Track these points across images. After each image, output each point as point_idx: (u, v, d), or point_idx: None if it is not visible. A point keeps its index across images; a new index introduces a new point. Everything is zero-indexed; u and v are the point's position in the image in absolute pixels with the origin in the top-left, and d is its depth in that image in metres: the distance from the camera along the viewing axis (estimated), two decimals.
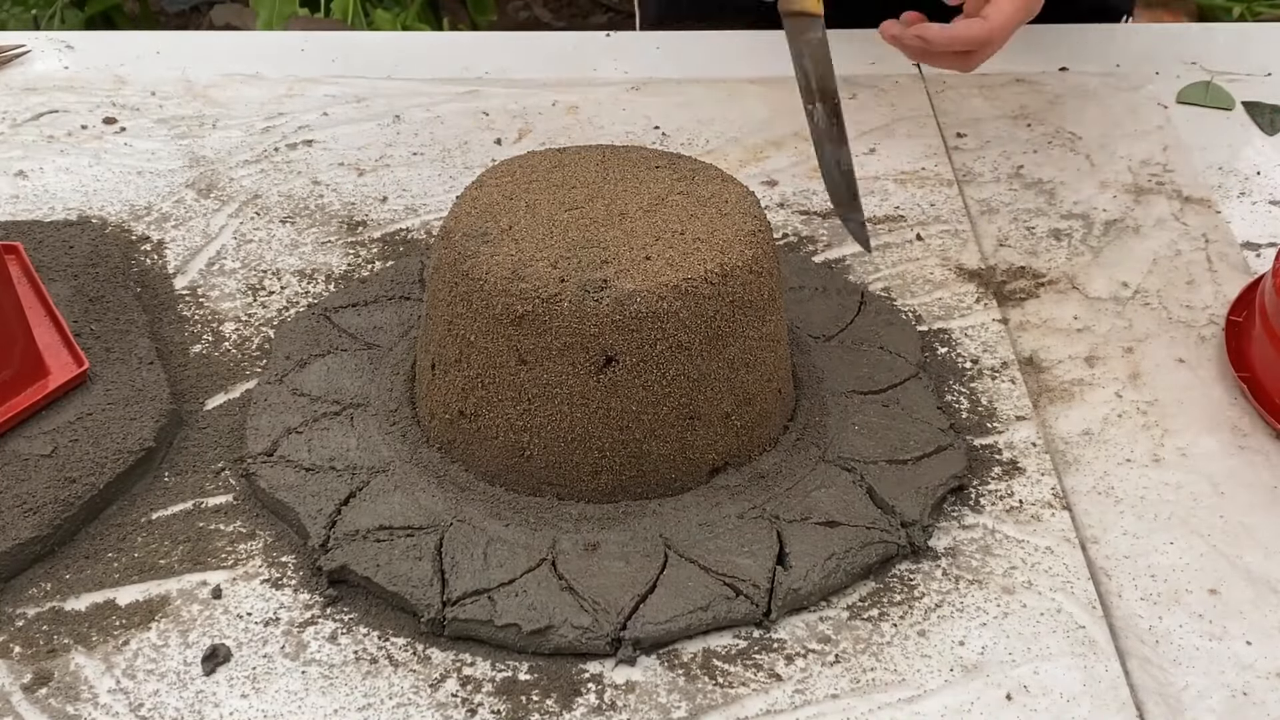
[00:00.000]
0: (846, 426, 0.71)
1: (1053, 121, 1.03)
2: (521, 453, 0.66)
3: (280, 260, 0.85)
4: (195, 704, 0.58)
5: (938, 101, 1.06)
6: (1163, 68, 1.11)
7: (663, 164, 0.71)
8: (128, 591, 0.63)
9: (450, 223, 0.67)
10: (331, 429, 0.70)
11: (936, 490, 0.67)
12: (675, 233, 0.65)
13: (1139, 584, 0.65)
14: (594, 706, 0.58)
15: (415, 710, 0.58)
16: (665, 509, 0.66)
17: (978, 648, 0.61)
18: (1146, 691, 0.60)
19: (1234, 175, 0.97)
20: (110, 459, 0.67)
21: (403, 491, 0.66)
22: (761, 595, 0.62)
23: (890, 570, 0.65)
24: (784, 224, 0.90)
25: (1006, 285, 0.85)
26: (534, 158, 0.72)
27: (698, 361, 0.64)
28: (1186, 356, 0.79)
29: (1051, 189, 0.95)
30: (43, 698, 0.58)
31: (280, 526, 0.66)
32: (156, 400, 0.71)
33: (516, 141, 0.99)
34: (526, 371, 0.64)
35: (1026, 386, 0.76)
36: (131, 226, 0.88)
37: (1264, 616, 0.63)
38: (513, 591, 0.61)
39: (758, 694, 0.59)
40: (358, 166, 0.95)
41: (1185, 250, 0.88)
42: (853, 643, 0.61)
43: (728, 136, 1.01)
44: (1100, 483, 0.70)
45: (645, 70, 1.09)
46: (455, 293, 0.65)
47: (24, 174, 0.92)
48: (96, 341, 0.74)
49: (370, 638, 0.61)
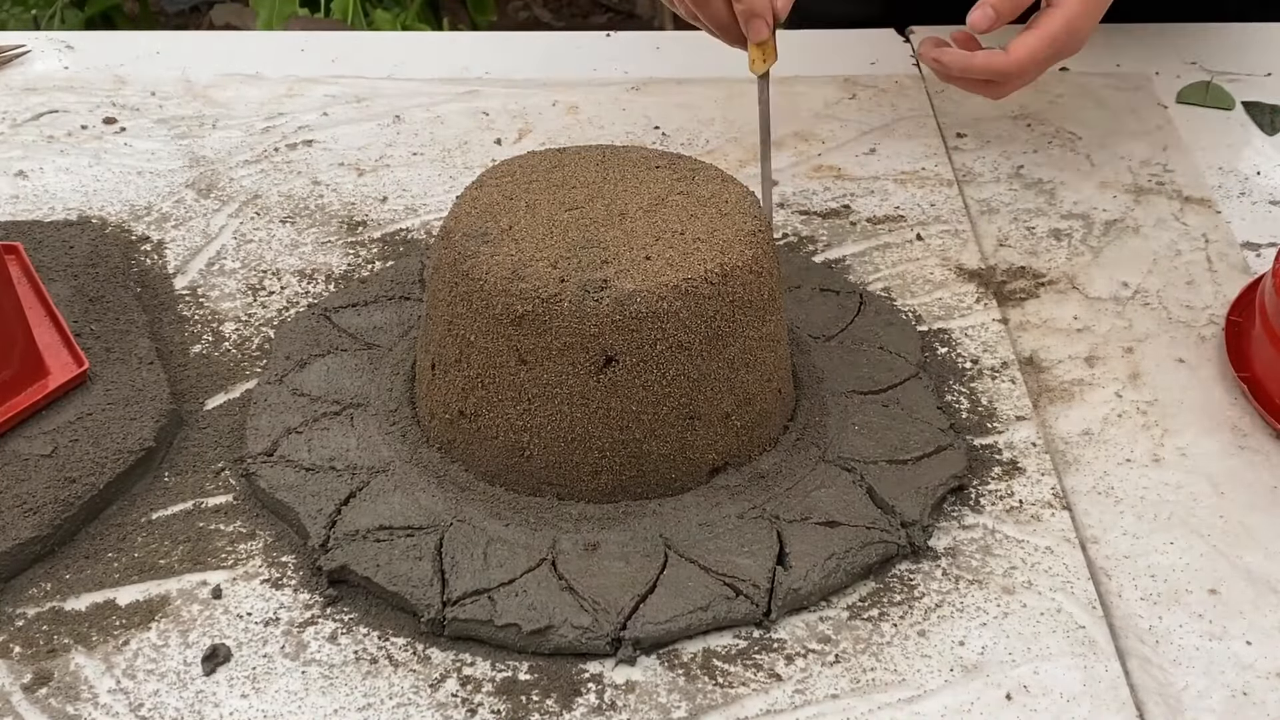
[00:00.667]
0: (846, 426, 0.71)
1: (1053, 121, 1.03)
2: (521, 453, 0.66)
3: (280, 260, 0.85)
4: (195, 704, 0.58)
5: (938, 101, 1.06)
6: (1163, 68, 1.11)
7: (663, 164, 0.71)
8: (128, 591, 0.63)
9: (450, 223, 0.67)
10: (331, 429, 0.70)
11: (936, 490, 0.67)
12: (675, 233, 0.65)
13: (1139, 584, 0.65)
14: (594, 706, 0.58)
15: (415, 710, 0.58)
16: (665, 509, 0.66)
17: (978, 648, 0.61)
18: (1146, 691, 0.60)
19: (1234, 175, 0.97)
20: (110, 459, 0.67)
21: (403, 491, 0.66)
22: (761, 595, 0.62)
23: (890, 570, 0.65)
24: (784, 224, 0.90)
25: (1006, 285, 0.85)
26: (534, 158, 0.72)
27: (698, 361, 0.64)
28: (1186, 356, 0.79)
29: (1051, 189, 0.95)
30: (43, 698, 0.58)
31: (280, 526, 0.66)
32: (156, 400, 0.71)
33: (516, 141, 0.99)
34: (526, 371, 0.64)
35: (1026, 386, 0.76)
36: (131, 226, 0.88)
37: (1264, 616, 0.63)
38: (513, 591, 0.61)
39: (758, 694, 0.59)
40: (358, 166, 0.95)
41: (1185, 250, 0.88)
42: (853, 643, 0.61)
43: (728, 136, 1.01)
44: (1100, 483, 0.70)
45: (645, 70, 1.09)
46: (455, 293, 0.65)
47: (24, 174, 0.92)
48: (96, 341, 0.74)
49: (370, 638, 0.61)
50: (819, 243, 0.88)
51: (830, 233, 0.89)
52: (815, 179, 0.96)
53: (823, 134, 1.01)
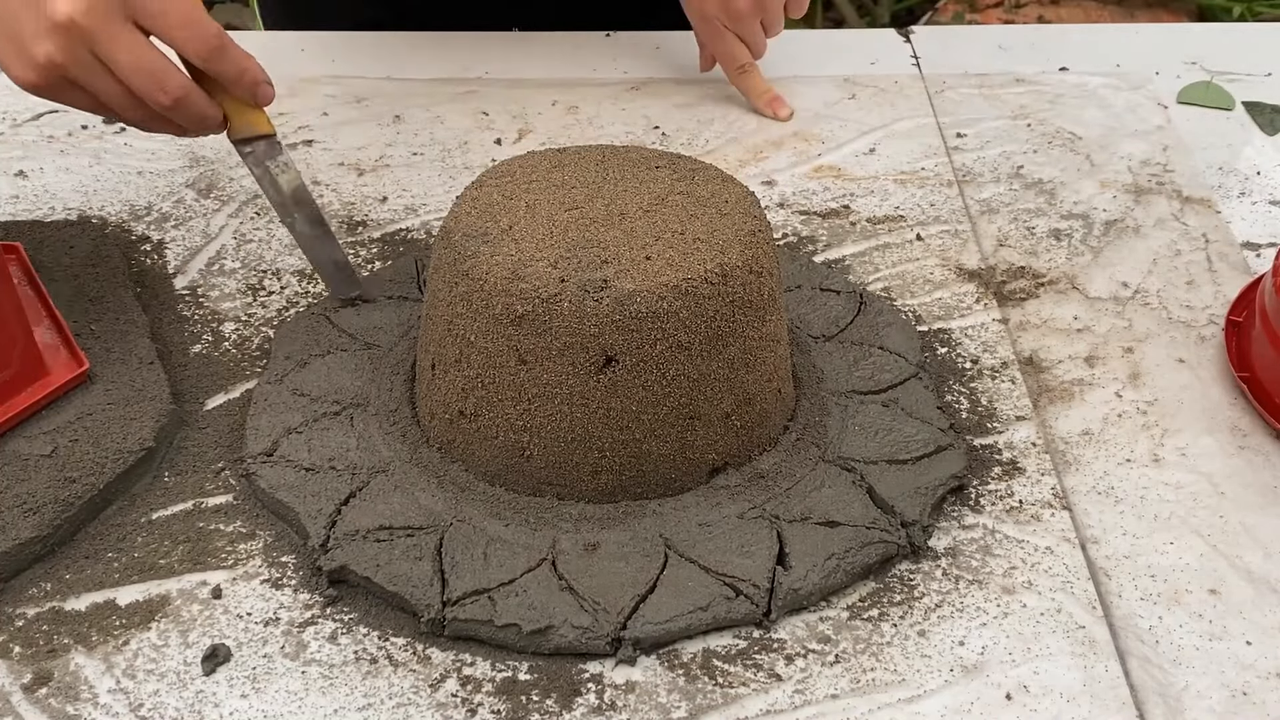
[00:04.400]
0: (846, 426, 0.71)
1: (1053, 121, 1.03)
2: (521, 453, 0.66)
3: (280, 260, 0.85)
4: (195, 704, 0.58)
5: (938, 101, 1.06)
6: (1163, 68, 1.11)
7: (663, 164, 0.71)
8: (128, 591, 0.63)
9: (450, 223, 0.67)
10: (331, 429, 0.70)
11: (936, 490, 0.67)
12: (675, 233, 0.65)
13: (1139, 584, 0.65)
14: (594, 706, 0.58)
15: (415, 710, 0.58)
16: (665, 509, 0.66)
17: (978, 648, 0.61)
18: (1146, 691, 0.60)
19: (1234, 175, 0.97)
20: (110, 459, 0.67)
21: (403, 491, 0.66)
22: (761, 595, 0.62)
23: (890, 570, 0.65)
24: (784, 224, 0.90)
25: (1006, 285, 0.85)
26: (534, 158, 0.72)
27: (698, 361, 0.64)
28: (1186, 356, 0.79)
29: (1051, 189, 0.95)
30: (43, 698, 0.58)
31: (280, 526, 0.66)
32: (156, 400, 0.71)
33: (516, 141, 0.99)
34: (526, 371, 0.64)
35: (1026, 386, 0.76)
36: (131, 226, 0.88)
37: (1264, 616, 0.63)
38: (513, 591, 0.61)
39: (758, 694, 0.59)
40: (358, 166, 0.95)
41: (1185, 250, 0.88)
42: (853, 643, 0.61)
43: (728, 137, 1.01)
44: (1100, 483, 0.70)
45: (645, 70, 1.09)
46: (455, 293, 0.65)
47: (24, 174, 0.92)
48: (96, 341, 0.75)
49: (370, 638, 0.61)
50: (819, 243, 0.88)
51: (830, 233, 0.89)
52: (815, 179, 0.96)
53: (823, 134, 1.01)
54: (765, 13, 1.02)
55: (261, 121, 0.76)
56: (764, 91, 1.04)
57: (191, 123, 0.73)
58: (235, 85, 0.73)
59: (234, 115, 0.75)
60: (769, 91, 1.04)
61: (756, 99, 1.04)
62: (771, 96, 1.03)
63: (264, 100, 0.75)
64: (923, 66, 1.12)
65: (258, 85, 0.74)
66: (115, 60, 0.68)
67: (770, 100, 1.03)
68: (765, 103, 1.03)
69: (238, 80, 0.73)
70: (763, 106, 1.03)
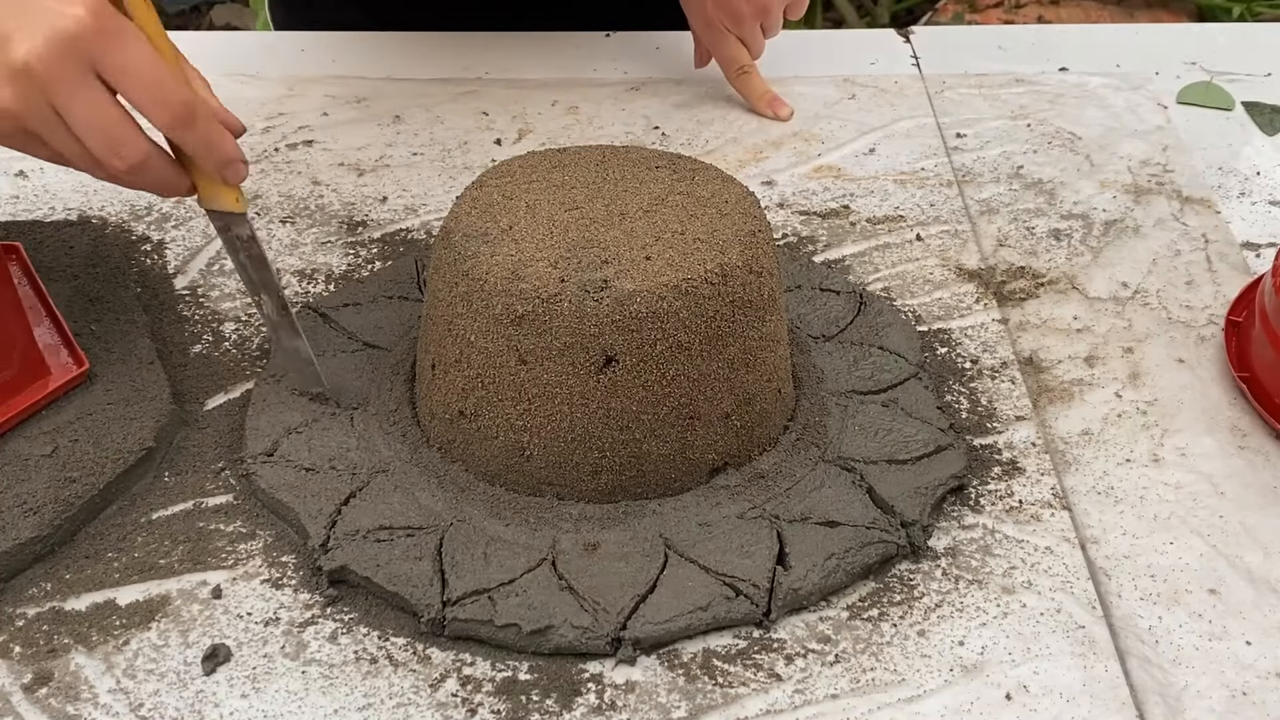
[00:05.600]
0: (846, 426, 0.71)
1: (1053, 121, 1.03)
2: (521, 453, 0.66)
3: (280, 260, 0.85)
4: (195, 704, 0.58)
5: (938, 101, 1.06)
6: (1163, 68, 1.11)
7: (663, 164, 0.71)
8: (128, 591, 0.63)
9: (450, 223, 0.67)
10: (331, 429, 0.70)
11: (936, 490, 0.67)
12: (675, 233, 0.65)
13: (1139, 584, 0.65)
14: (594, 706, 0.58)
15: (415, 710, 0.58)
16: (665, 509, 0.66)
17: (978, 648, 0.61)
18: (1146, 691, 0.60)
19: (1234, 175, 0.97)
20: (110, 459, 0.67)
21: (403, 491, 0.66)
22: (761, 595, 0.62)
23: (890, 570, 0.65)
24: (784, 224, 0.90)
25: (1006, 285, 0.85)
26: (534, 158, 0.72)
27: (698, 361, 0.64)
28: (1186, 356, 0.79)
29: (1051, 189, 0.95)
30: (43, 698, 0.58)
31: (280, 526, 0.66)
32: (156, 400, 0.71)
33: (516, 141, 0.99)
34: (526, 371, 0.64)
35: (1026, 386, 0.76)
36: (131, 226, 0.88)
37: (1264, 616, 0.63)
38: (513, 591, 0.61)
39: (758, 694, 0.59)
40: (358, 166, 0.95)
41: (1185, 250, 0.88)
42: (852, 643, 0.61)
43: (728, 136, 1.01)
44: (1100, 483, 0.70)
45: (645, 70, 1.09)
46: (455, 293, 0.65)
47: (24, 174, 0.92)
48: (96, 341, 0.75)
49: (370, 638, 0.61)
50: (819, 243, 0.88)
51: (830, 233, 0.89)
52: (815, 179, 0.96)
53: (822, 134, 1.01)
54: (766, 15, 1.02)
55: (230, 199, 0.67)
56: (764, 93, 1.04)
57: (154, 190, 0.66)
58: (203, 161, 0.65)
59: (203, 186, 0.67)
60: (769, 93, 1.04)
61: (756, 100, 1.04)
62: (771, 97, 1.03)
63: (233, 180, 0.67)
64: (922, 67, 1.12)
65: (228, 164, 0.66)
66: (70, 115, 0.61)
67: (770, 101, 1.03)
68: (765, 103, 1.03)
69: (206, 156, 0.65)
70: (763, 107, 1.03)
